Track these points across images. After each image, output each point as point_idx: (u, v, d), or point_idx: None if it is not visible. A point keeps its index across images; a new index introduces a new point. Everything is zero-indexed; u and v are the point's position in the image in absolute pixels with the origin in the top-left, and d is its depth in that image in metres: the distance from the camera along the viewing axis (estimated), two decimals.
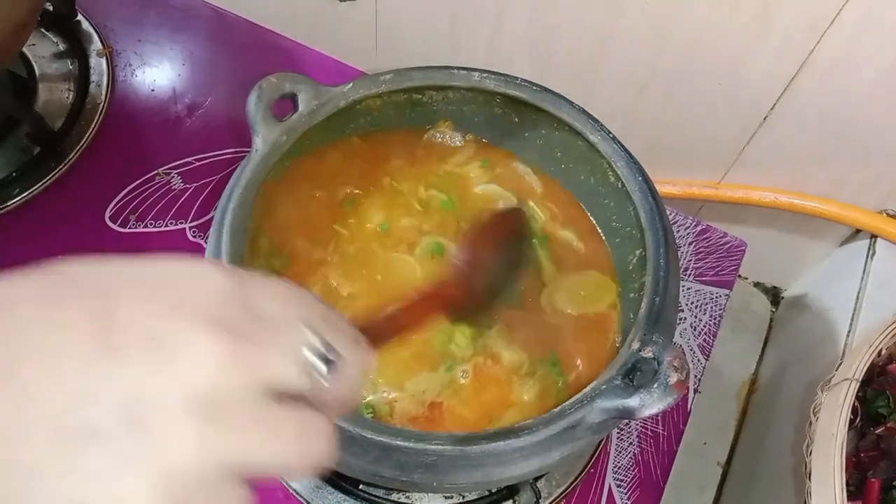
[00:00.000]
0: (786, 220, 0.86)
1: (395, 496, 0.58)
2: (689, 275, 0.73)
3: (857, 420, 0.61)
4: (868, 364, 0.59)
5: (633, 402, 0.42)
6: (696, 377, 0.69)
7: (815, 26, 0.64)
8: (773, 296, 0.99)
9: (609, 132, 0.54)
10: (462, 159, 0.60)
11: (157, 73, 0.76)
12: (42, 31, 0.75)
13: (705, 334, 0.71)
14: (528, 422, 0.43)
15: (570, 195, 0.60)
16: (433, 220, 0.57)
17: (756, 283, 0.99)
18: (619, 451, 0.64)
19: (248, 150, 0.51)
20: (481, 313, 0.52)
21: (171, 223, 0.68)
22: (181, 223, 0.68)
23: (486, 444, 0.42)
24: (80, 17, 0.77)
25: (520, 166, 0.61)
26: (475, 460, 0.42)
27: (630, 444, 0.64)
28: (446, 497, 0.58)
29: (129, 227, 0.67)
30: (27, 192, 0.66)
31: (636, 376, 0.43)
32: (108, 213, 0.68)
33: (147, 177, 0.70)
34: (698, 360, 0.69)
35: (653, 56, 0.73)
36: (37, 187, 0.66)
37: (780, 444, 0.77)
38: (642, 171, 0.53)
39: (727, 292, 0.73)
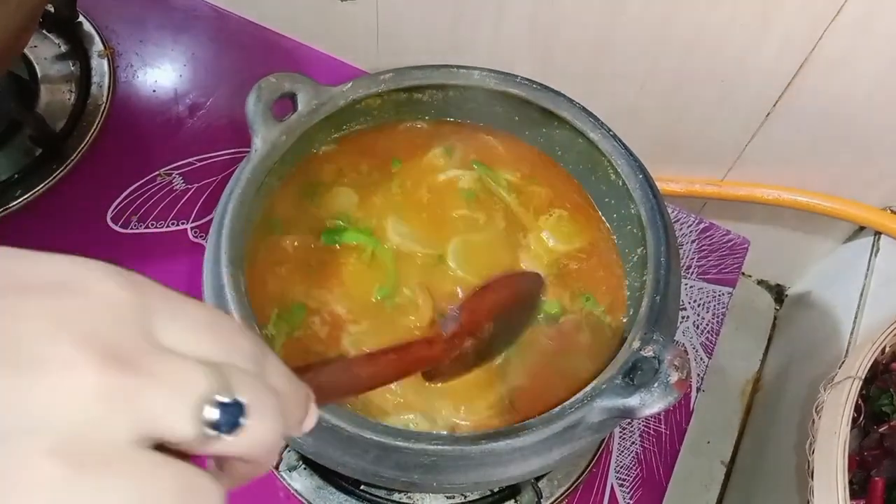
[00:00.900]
0: (789, 218, 0.85)
1: (396, 496, 0.57)
2: (692, 273, 0.73)
3: (861, 418, 0.61)
4: (871, 362, 0.58)
5: (633, 401, 0.42)
6: (698, 376, 0.69)
7: (816, 23, 0.64)
8: (777, 293, 0.98)
9: (609, 130, 0.54)
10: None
11: (159, 74, 0.76)
12: (43, 32, 0.75)
13: (708, 332, 0.70)
14: (527, 421, 0.43)
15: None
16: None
17: (759, 281, 0.99)
18: (622, 451, 0.64)
19: (249, 150, 0.51)
20: (460, 376, 0.47)
21: (173, 224, 0.68)
22: (183, 223, 0.68)
23: (486, 443, 0.42)
24: (81, 19, 0.77)
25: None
26: (475, 460, 0.42)
27: (632, 443, 0.64)
28: (448, 497, 0.58)
29: (131, 228, 0.67)
30: (29, 194, 0.66)
31: (637, 375, 0.43)
32: (109, 214, 0.68)
33: (149, 177, 0.70)
34: (701, 359, 0.69)
35: (654, 54, 0.73)
36: (39, 189, 0.67)
37: (783, 442, 0.76)
38: (643, 169, 0.53)
39: (730, 290, 0.73)
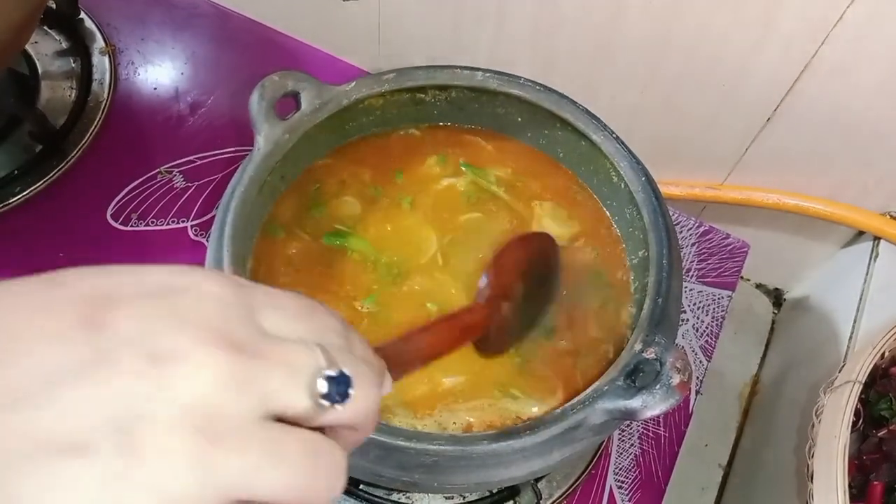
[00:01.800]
0: (788, 222, 0.85)
1: (395, 496, 0.57)
2: (692, 276, 0.73)
3: (860, 422, 0.61)
4: (871, 366, 0.59)
5: (635, 403, 0.42)
6: (697, 378, 0.69)
7: (817, 30, 0.64)
8: (776, 297, 0.98)
9: (612, 132, 0.54)
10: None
11: (160, 72, 0.76)
12: (45, 28, 0.75)
13: (707, 336, 0.70)
14: (529, 422, 0.43)
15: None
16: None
17: (758, 285, 0.99)
18: (621, 453, 0.64)
19: (250, 149, 0.51)
20: (509, 347, 0.49)
21: (173, 222, 0.68)
22: (183, 222, 0.68)
23: (488, 444, 0.42)
24: (82, 15, 0.77)
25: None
26: (476, 461, 0.42)
27: (631, 445, 0.64)
28: (447, 497, 0.58)
29: (131, 226, 0.67)
30: (29, 190, 0.66)
31: (638, 377, 0.43)
32: (109, 212, 0.68)
33: (149, 175, 0.70)
34: (700, 362, 0.69)
35: (655, 56, 0.73)
36: (39, 185, 0.66)
37: (781, 446, 0.76)
38: (646, 172, 0.53)
39: (729, 294, 0.73)
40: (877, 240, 0.80)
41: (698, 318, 0.71)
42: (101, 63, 0.74)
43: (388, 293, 0.53)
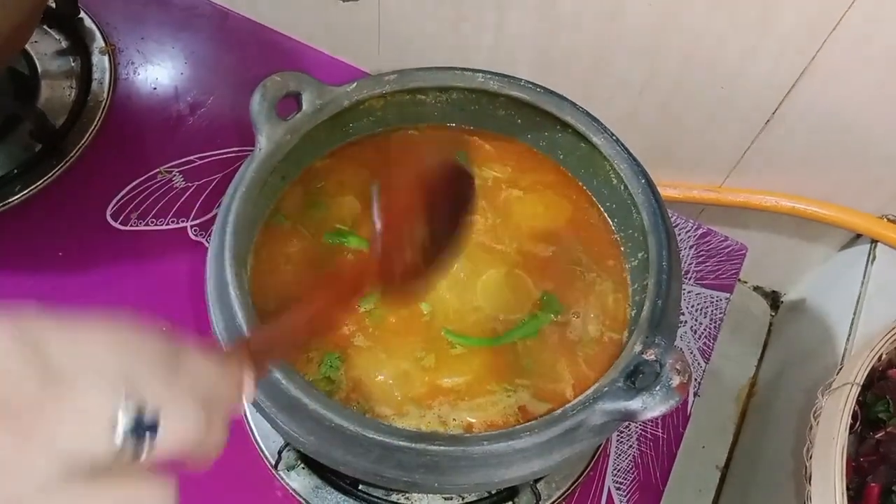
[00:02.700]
0: (786, 225, 0.86)
1: (394, 497, 0.57)
2: (690, 278, 0.73)
3: (857, 424, 0.61)
4: (868, 369, 0.59)
5: (635, 404, 0.42)
6: (695, 380, 0.69)
7: (816, 33, 0.64)
8: (773, 300, 0.99)
9: (612, 134, 0.54)
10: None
11: (160, 72, 0.76)
12: (44, 28, 0.75)
13: (705, 338, 0.71)
14: (529, 423, 0.43)
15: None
16: None
17: (756, 287, 0.99)
18: (619, 454, 0.64)
19: (250, 149, 0.51)
20: (425, 288, 0.46)
21: (173, 221, 0.68)
22: (183, 221, 0.68)
23: (488, 444, 0.42)
24: (82, 15, 0.77)
25: None
26: (477, 461, 0.42)
27: (630, 446, 0.64)
28: (446, 498, 0.58)
29: (131, 226, 0.67)
30: (28, 190, 0.66)
31: (638, 379, 0.43)
32: (109, 211, 0.68)
33: (149, 175, 0.70)
34: (698, 364, 0.69)
35: (654, 59, 0.73)
36: (38, 185, 0.66)
37: (779, 447, 0.77)
38: (645, 174, 0.53)
39: (727, 296, 0.73)
40: (874, 242, 0.80)
41: (696, 321, 0.71)
42: (100, 62, 0.74)
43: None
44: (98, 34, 0.76)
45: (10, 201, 0.65)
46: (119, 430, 0.21)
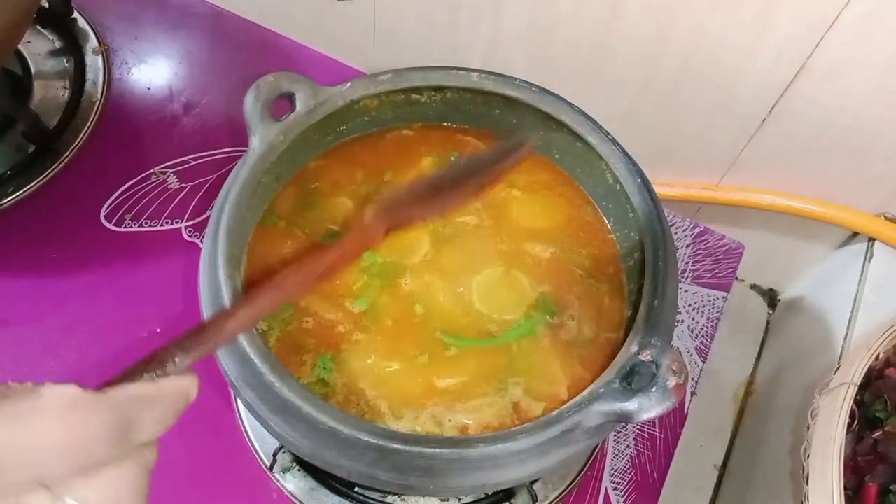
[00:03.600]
0: (783, 223, 0.86)
1: (390, 498, 0.57)
2: (687, 277, 0.73)
3: (855, 424, 0.61)
4: (866, 368, 0.59)
5: (631, 405, 0.42)
6: (692, 380, 0.69)
7: (813, 31, 0.64)
8: (770, 298, 0.99)
9: (608, 133, 0.54)
10: None
11: (154, 72, 0.76)
12: (38, 28, 0.75)
13: (702, 337, 0.71)
14: (525, 425, 0.43)
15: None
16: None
17: (753, 286, 0.99)
18: (616, 454, 0.64)
19: (244, 150, 0.51)
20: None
21: (167, 222, 0.68)
22: (177, 222, 0.68)
23: (484, 447, 0.42)
24: (76, 15, 0.76)
25: None
26: (473, 463, 0.42)
27: (627, 446, 0.64)
28: (442, 500, 0.58)
29: (125, 227, 0.67)
30: (22, 191, 0.66)
31: (634, 379, 0.43)
32: (103, 212, 0.67)
33: (143, 175, 0.70)
34: (695, 363, 0.69)
35: (652, 57, 0.73)
36: (32, 185, 0.66)
37: (776, 447, 0.77)
38: (641, 174, 0.53)
39: (724, 295, 0.73)
40: (871, 241, 0.80)
41: (693, 320, 0.71)
42: (94, 63, 0.74)
43: (380, 293, 0.52)
44: (92, 34, 0.76)
45: (3, 202, 0.65)
46: None
